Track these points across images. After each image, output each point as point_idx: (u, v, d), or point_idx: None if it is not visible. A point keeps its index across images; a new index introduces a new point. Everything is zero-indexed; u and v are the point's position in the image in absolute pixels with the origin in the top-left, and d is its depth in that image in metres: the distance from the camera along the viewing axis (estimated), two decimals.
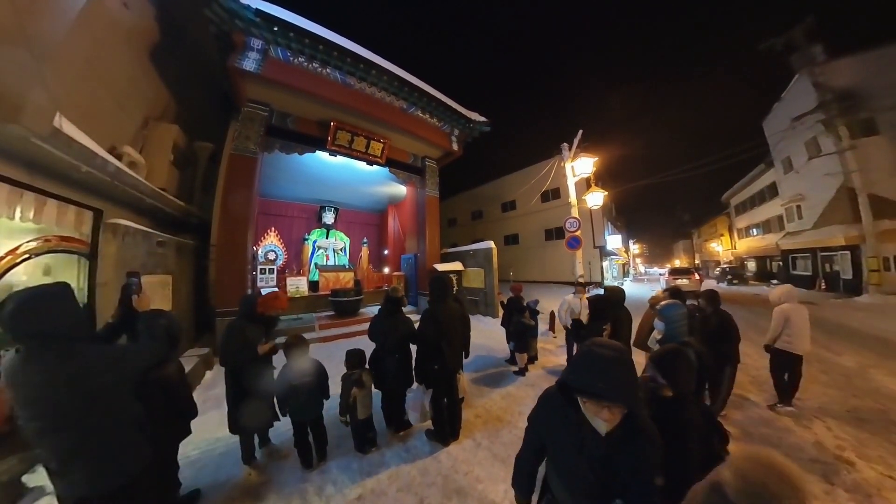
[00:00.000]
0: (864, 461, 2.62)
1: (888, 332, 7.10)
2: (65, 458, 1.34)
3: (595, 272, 19.78)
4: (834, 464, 2.59)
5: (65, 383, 1.31)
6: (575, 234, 6.23)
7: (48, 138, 2.73)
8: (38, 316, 1.31)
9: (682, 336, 2.08)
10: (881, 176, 14.47)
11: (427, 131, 8.40)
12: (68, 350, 1.36)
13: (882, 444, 2.84)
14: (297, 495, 2.41)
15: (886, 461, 2.62)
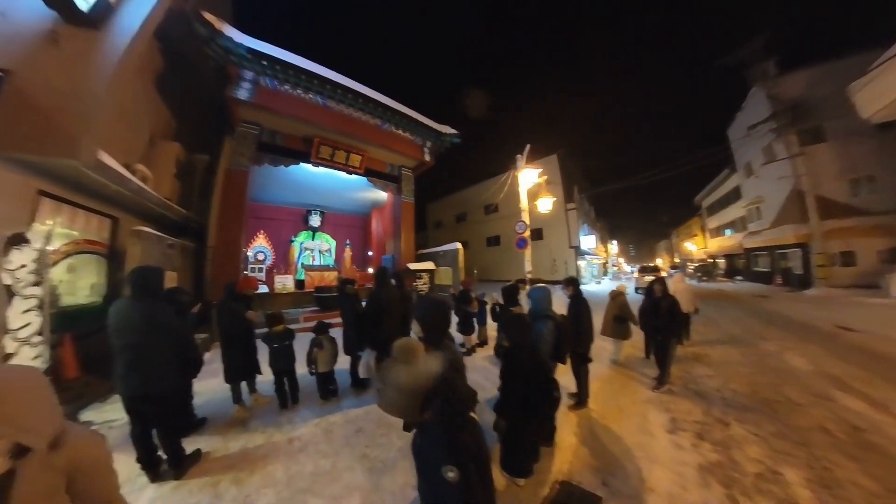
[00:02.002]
0: (738, 423, 3.11)
1: (818, 319, 8.27)
2: (128, 367, 2.34)
3: (571, 270, 20.99)
4: (712, 425, 3.12)
5: (140, 318, 2.41)
6: (523, 235, 7.31)
7: (93, 168, 3.76)
8: (142, 279, 2.50)
9: (545, 311, 2.79)
10: (827, 179, 15.89)
11: (401, 144, 9.52)
12: (150, 301, 2.47)
13: (761, 411, 3.36)
14: (272, 424, 3.42)
15: (759, 424, 3.10)
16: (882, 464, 2.44)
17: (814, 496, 2.13)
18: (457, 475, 1.14)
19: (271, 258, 10.93)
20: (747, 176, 21.70)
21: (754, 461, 2.52)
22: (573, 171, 24.97)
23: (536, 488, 2.31)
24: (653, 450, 2.74)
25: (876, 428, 2.96)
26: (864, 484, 2.22)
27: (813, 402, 3.53)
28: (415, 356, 1.42)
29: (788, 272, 17.89)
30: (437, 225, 31.48)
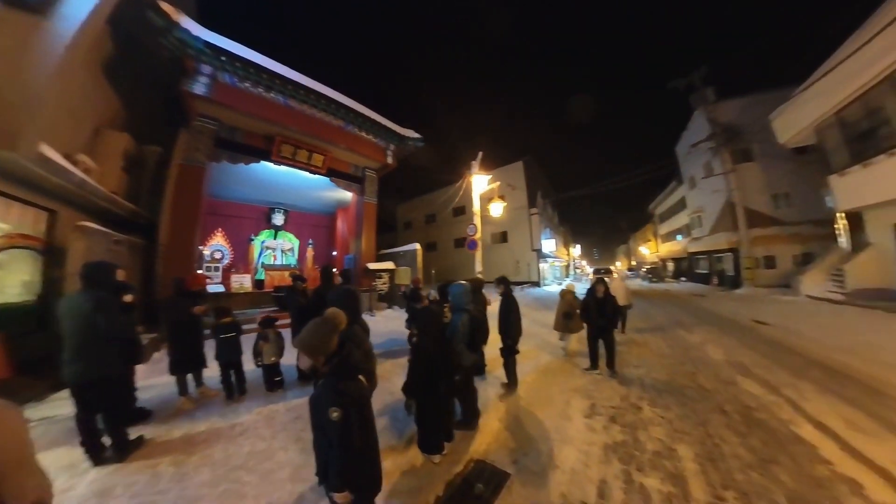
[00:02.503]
0: (650, 407, 3.43)
1: (740, 315, 9.28)
2: (73, 353, 2.49)
3: (533, 272, 21.83)
4: (626, 409, 3.44)
5: (86, 306, 2.53)
6: (473, 237, 7.65)
7: (34, 160, 3.55)
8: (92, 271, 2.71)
9: (464, 305, 3.09)
10: (754, 194, 17.83)
11: (364, 146, 9.53)
12: (97, 291, 2.63)
13: (673, 396, 3.72)
14: (217, 414, 3.45)
15: (668, 407, 3.41)
16: (761, 437, 2.85)
17: (699, 469, 2.46)
18: (340, 415, 1.44)
19: (229, 257, 10.48)
20: (691, 188, 23.73)
21: (656, 440, 2.85)
22: (538, 177, 25.95)
23: (451, 466, 2.53)
24: (567, 432, 3.03)
25: (764, 407, 3.45)
26: (743, 456, 2.59)
27: (718, 388, 4.01)
28: (336, 317, 1.89)
29: (723, 274, 19.80)
30: (406, 225, 31.39)
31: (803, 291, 12.13)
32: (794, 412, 3.31)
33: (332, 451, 1.50)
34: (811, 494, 2.15)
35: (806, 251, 16.09)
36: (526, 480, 2.38)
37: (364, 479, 1.60)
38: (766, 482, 2.28)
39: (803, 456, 2.58)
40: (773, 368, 4.67)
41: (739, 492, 2.19)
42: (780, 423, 3.09)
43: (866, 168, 9.37)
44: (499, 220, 23.81)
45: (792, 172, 16.70)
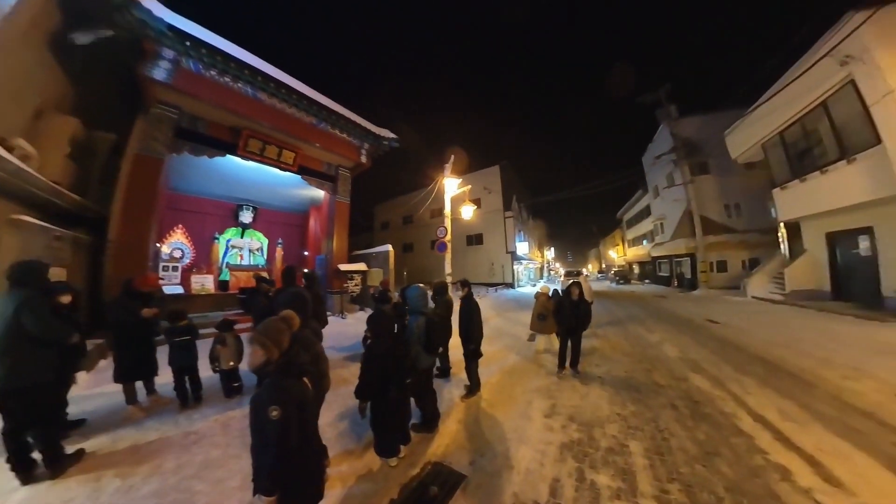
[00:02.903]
0: (608, 405, 3.52)
1: (695, 314, 9.82)
2: None
3: (507, 274, 22.16)
4: (585, 408, 3.48)
5: (10, 309, 2.30)
6: (443, 240, 7.63)
7: None
8: (19, 271, 2.52)
9: (420, 307, 3.07)
10: (709, 203, 19.05)
11: (337, 145, 9.27)
12: (23, 292, 2.43)
13: (629, 394, 3.83)
14: (169, 422, 3.21)
15: (624, 405, 3.52)
16: (706, 431, 2.98)
17: (647, 463, 2.52)
18: (279, 413, 1.40)
19: (190, 256, 9.81)
20: (655, 197, 25.00)
21: (610, 437, 2.91)
22: (514, 181, 26.39)
23: (408, 469, 2.48)
24: (526, 432, 3.03)
25: (710, 401, 3.62)
26: (689, 449, 2.69)
27: (671, 384, 4.17)
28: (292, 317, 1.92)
29: (682, 277, 21.00)
30: (384, 226, 30.97)
31: (750, 293, 13.08)
32: (736, 406, 3.50)
33: (268, 451, 1.45)
34: (747, 484, 2.26)
35: (753, 257, 17.37)
36: (481, 481, 2.35)
37: (298, 483, 1.54)
38: (709, 474, 2.37)
39: (742, 447, 2.72)
40: (720, 364, 4.95)
41: (684, 484, 2.26)
42: (724, 417, 3.26)
43: (803, 183, 10.23)
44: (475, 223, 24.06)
45: (742, 185, 18.00)
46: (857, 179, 8.36)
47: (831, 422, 3.11)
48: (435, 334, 3.02)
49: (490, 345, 6.39)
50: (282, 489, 1.46)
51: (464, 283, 4.35)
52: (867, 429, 2.99)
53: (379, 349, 2.51)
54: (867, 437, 2.83)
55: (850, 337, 6.28)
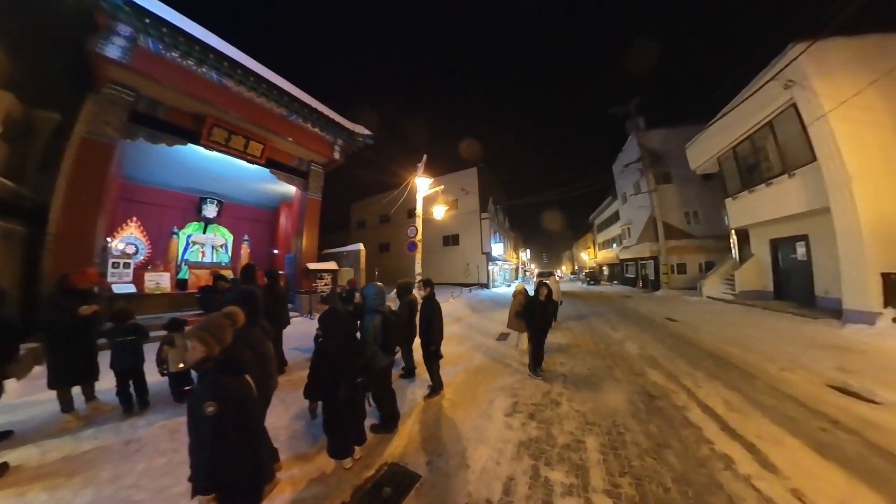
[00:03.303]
0: (568, 402, 3.55)
1: (656, 313, 10.26)
2: None
3: (482, 274, 22.33)
4: (546, 405, 3.50)
5: None
6: (413, 239, 7.51)
7: None
8: None
9: (375, 306, 2.94)
10: (671, 210, 20.08)
11: (309, 139, 8.92)
12: None
13: (590, 391, 3.87)
14: (110, 430, 2.91)
15: (584, 401, 3.56)
16: (659, 424, 3.06)
17: (602, 458, 2.54)
18: (215, 409, 1.35)
19: (145, 252, 9.08)
20: (623, 203, 26.08)
21: (567, 434, 2.92)
22: (491, 183, 26.63)
23: (362, 471, 2.38)
24: (485, 431, 2.99)
25: (664, 395, 3.74)
26: (642, 442, 2.74)
27: (630, 380, 4.29)
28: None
29: (646, 278, 22.04)
30: (360, 225, 30.27)
31: (705, 293, 13.90)
32: (688, 398, 3.64)
33: (203, 449, 1.38)
34: (693, 474, 2.32)
35: (709, 260, 18.51)
36: (436, 482, 2.27)
37: (237, 483, 1.45)
38: (659, 466, 2.42)
39: (691, 438, 2.81)
40: (675, 360, 5.16)
41: (634, 477, 2.29)
42: (676, 410, 3.37)
43: (752, 194, 10.99)
44: (452, 224, 24.09)
45: (700, 194, 19.17)
46: (795, 192, 9.06)
47: (770, 411, 3.30)
48: (392, 333, 2.91)
49: (459, 344, 6.37)
50: (220, 488, 1.39)
51: (426, 284, 4.24)
52: (800, 416, 3.19)
53: (329, 348, 2.39)
54: (799, 424, 3.02)
55: (788, 333, 6.80)
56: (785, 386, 3.97)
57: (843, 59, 7.62)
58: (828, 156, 7.76)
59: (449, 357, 5.39)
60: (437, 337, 3.79)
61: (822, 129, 7.77)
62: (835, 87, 7.56)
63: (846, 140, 7.46)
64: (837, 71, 7.63)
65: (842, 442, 2.73)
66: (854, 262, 7.27)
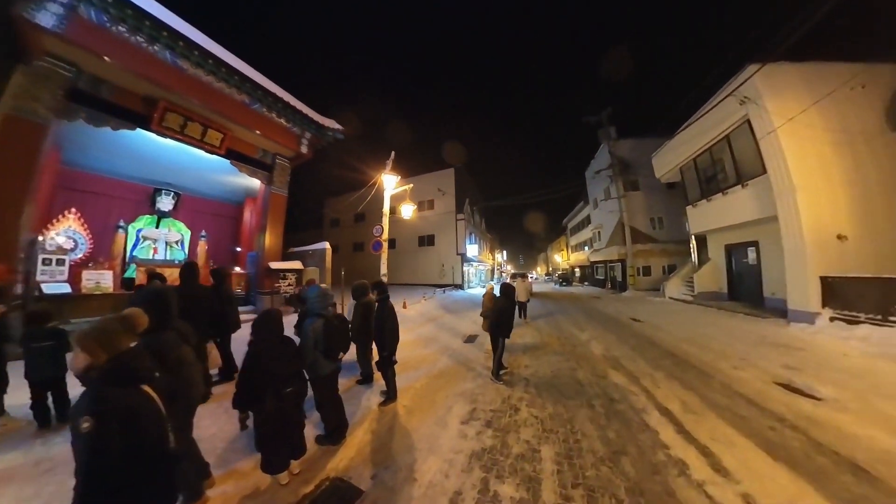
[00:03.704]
0: (527, 408, 3.42)
1: (622, 313, 10.51)
2: None
3: (457, 275, 22.21)
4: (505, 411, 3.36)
5: None
6: (379, 238, 7.19)
7: None
8: None
9: (317, 309, 2.73)
10: (638, 216, 20.86)
11: (274, 130, 8.36)
12: None
13: (551, 395, 3.77)
14: (19, 448, 2.49)
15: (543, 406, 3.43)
16: (617, 429, 2.97)
17: (556, 468, 2.40)
18: (90, 426, 1.11)
19: (86, 247, 8.16)
20: (594, 208, 26.87)
21: (523, 443, 2.76)
22: (468, 184, 26.60)
23: (300, 487, 2.15)
24: (438, 441, 2.80)
25: (624, 397, 3.69)
26: (598, 450, 2.63)
27: (592, 382, 4.22)
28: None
29: (614, 279, 22.78)
30: (334, 223, 29.21)
31: (667, 294, 14.50)
32: (647, 400, 3.61)
33: (78, 472, 1.14)
34: (647, 482, 2.22)
35: (671, 263, 19.38)
36: (378, 497, 2.06)
37: None
38: (613, 476, 2.31)
39: (647, 443, 2.73)
40: (637, 360, 5.19)
41: (587, 489, 2.17)
42: (635, 413, 3.31)
43: (709, 202, 11.56)
44: (427, 224, 23.77)
45: (664, 202, 20.08)
46: (748, 201, 9.60)
47: (723, 411, 3.32)
48: (335, 339, 2.65)
49: (426, 347, 6.15)
50: None
51: (376, 287, 3.91)
52: (750, 415, 3.23)
53: (259, 353, 2.11)
54: (750, 423, 3.04)
55: (740, 331, 7.14)
56: (737, 384, 4.05)
57: (791, 81, 8.20)
58: (776, 168, 8.23)
59: (412, 360, 5.18)
60: (390, 342, 3.55)
61: (772, 143, 8.23)
62: (783, 105, 8.05)
63: (792, 154, 7.94)
64: (786, 91, 8.16)
65: (789, 440, 2.75)
66: (797, 266, 7.73)
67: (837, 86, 7.78)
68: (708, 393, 3.80)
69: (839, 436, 2.79)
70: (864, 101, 8.09)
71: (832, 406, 3.41)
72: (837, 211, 7.70)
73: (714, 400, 3.59)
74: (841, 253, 7.48)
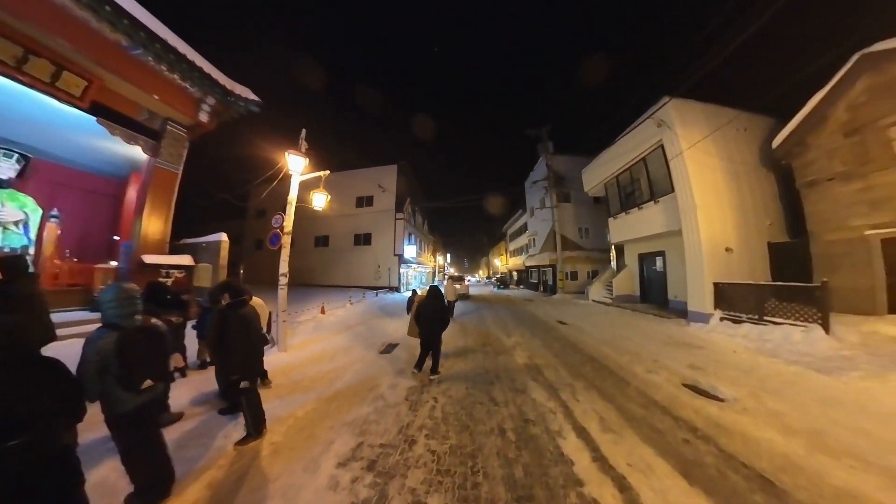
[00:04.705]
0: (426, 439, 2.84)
1: (550, 316, 10.55)
2: None
3: (393, 277, 21.06)
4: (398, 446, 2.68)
5: None
6: (277, 230, 5.92)
7: None
8: None
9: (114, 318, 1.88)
10: (568, 225, 22.12)
11: (163, 88, 6.58)
12: None
13: (458, 419, 3.21)
14: None
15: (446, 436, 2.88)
16: (526, 463, 2.45)
17: None
18: None
19: None
20: (531, 216, 28.08)
21: (408, 493, 2.10)
22: (411, 183, 25.71)
23: None
24: (297, 494, 2.04)
25: (541, 417, 3.21)
26: (499, 495, 2.08)
27: (509, 400, 3.69)
28: None
29: (546, 283, 23.89)
30: (259, 214, 25.25)
31: (591, 297, 15.45)
32: (564, 419, 3.17)
33: None
34: None
35: (594, 269, 20.91)
36: None
37: None
38: None
39: (559, 480, 2.22)
40: (559, 369, 4.86)
41: None
42: (550, 438, 2.82)
43: (627, 215, 12.47)
44: (365, 222, 22.10)
45: (591, 214, 21.65)
46: (659, 216, 10.48)
47: (640, 425, 3.03)
48: (133, 360, 1.70)
49: (331, 361, 5.17)
50: None
51: (226, 289, 2.97)
52: (665, 427, 3.00)
53: None
54: (666, 439, 2.78)
55: (651, 331, 7.57)
56: (652, 390, 3.92)
57: (695, 115, 9.29)
58: (682, 188, 9.01)
59: (307, 379, 4.24)
60: (239, 364, 2.61)
61: (679, 165, 9.02)
62: (689, 132, 9.00)
63: (695, 176, 8.77)
64: (691, 122, 9.17)
65: (703, 456, 2.53)
66: (696, 273, 8.49)
67: (723, 124, 8.92)
68: (625, 403, 3.55)
69: (745, 443, 2.71)
70: (746, 140, 9.51)
71: (734, 408, 3.42)
72: (726, 227, 8.66)
73: (631, 412, 3.32)
74: (727, 262, 8.40)
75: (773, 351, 5.53)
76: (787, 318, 6.40)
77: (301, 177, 6.04)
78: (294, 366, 4.91)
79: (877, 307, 6.68)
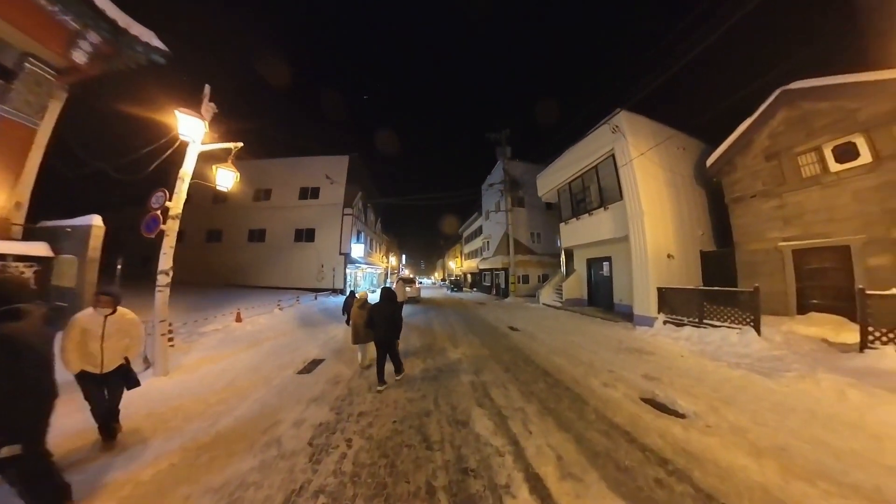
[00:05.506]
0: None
1: (501, 321, 10.12)
2: None
3: (338, 278, 19.28)
4: None
5: None
6: (155, 213, 4.43)
7: None
8: None
9: None
10: (521, 230, 22.34)
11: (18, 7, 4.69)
12: None
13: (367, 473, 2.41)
14: None
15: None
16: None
17: None
18: None
19: None
20: (486, 219, 28.09)
21: None
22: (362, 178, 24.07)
23: None
24: None
25: (484, 462, 2.51)
26: None
27: (446, 437, 2.93)
28: None
29: (499, 286, 23.94)
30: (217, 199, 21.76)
31: (541, 300, 15.54)
32: (514, 464, 2.45)
33: None
34: None
35: (545, 273, 21.37)
36: None
37: None
38: None
39: None
40: (509, 388, 4.18)
41: None
42: (495, 497, 2.09)
43: (578, 221, 12.67)
44: (309, 216, 19.60)
45: (543, 219, 22.21)
46: (607, 222, 10.72)
47: (605, 463, 2.45)
48: None
49: (229, 384, 3.96)
50: None
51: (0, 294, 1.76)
52: (633, 463, 2.47)
53: None
54: (636, 482, 2.24)
55: (602, 336, 7.48)
56: (611, 409, 3.45)
57: (643, 128, 9.69)
58: (630, 194, 9.16)
59: (179, 417, 3.05)
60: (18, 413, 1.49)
61: (629, 172, 9.17)
62: (638, 142, 9.25)
63: (642, 184, 8.95)
64: (640, 133, 9.49)
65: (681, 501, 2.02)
66: (642, 278, 8.61)
67: (666, 139, 9.49)
68: (585, 432, 2.96)
69: (719, 475, 2.33)
70: (684, 158, 10.21)
71: (697, 426, 3.09)
72: (668, 234, 8.96)
73: (593, 444, 2.73)
74: (669, 268, 8.66)
75: (715, 354, 5.58)
76: (723, 321, 6.59)
77: (201, 146, 4.65)
78: (171, 396, 3.64)
79: (789, 309, 7.32)
